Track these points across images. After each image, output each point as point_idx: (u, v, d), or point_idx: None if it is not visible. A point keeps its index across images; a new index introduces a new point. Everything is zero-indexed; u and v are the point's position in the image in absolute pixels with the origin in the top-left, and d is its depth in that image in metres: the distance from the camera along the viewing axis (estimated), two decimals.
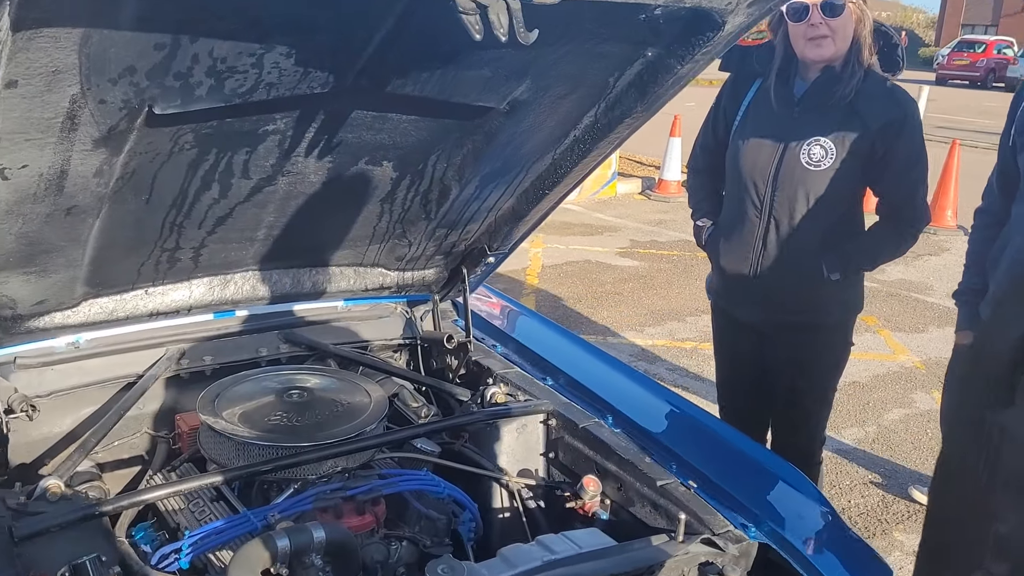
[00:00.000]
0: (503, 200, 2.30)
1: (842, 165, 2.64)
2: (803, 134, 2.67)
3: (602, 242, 8.34)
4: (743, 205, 2.81)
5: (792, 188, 2.71)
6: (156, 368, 2.27)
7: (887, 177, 2.70)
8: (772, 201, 2.74)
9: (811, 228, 2.72)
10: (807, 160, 2.67)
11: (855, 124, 2.63)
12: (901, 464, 4.33)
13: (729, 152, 2.84)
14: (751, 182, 2.77)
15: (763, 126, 2.75)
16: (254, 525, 1.78)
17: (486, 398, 2.34)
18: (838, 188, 2.68)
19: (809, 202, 2.70)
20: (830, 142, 2.65)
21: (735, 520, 1.89)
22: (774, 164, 2.72)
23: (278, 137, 1.79)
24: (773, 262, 2.78)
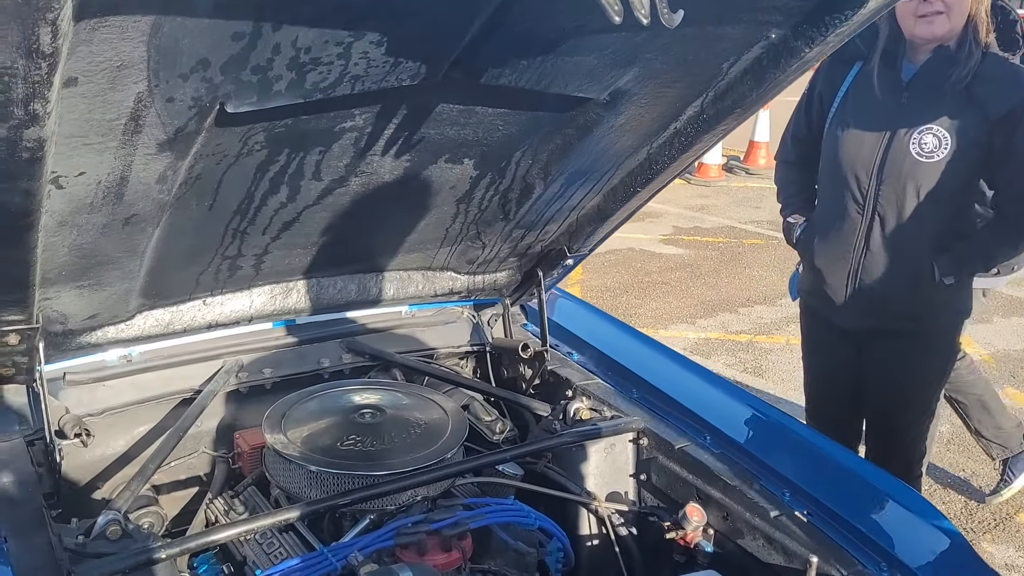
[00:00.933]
0: (588, 199, 2.11)
1: (957, 156, 2.40)
2: (913, 122, 2.43)
3: (644, 228, 8.11)
4: (843, 200, 2.58)
5: (900, 182, 2.47)
6: (214, 383, 2.10)
7: (1008, 169, 2.45)
8: (877, 196, 2.51)
9: (921, 226, 2.49)
10: (918, 151, 2.43)
11: (972, 111, 2.39)
12: (981, 466, 4.10)
13: (826, 141, 2.61)
14: (852, 175, 2.53)
15: (866, 113, 2.51)
16: (333, 566, 1.61)
17: (569, 414, 2.16)
18: (952, 182, 2.44)
19: (919, 197, 2.46)
20: (944, 130, 2.41)
21: (864, 558, 1.69)
22: (879, 155, 2.48)
23: (355, 135, 1.60)
24: (877, 264, 2.55)
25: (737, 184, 9.94)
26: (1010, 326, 5.88)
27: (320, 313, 2.22)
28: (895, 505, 1.97)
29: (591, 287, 6.50)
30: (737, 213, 8.66)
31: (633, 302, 6.26)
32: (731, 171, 10.28)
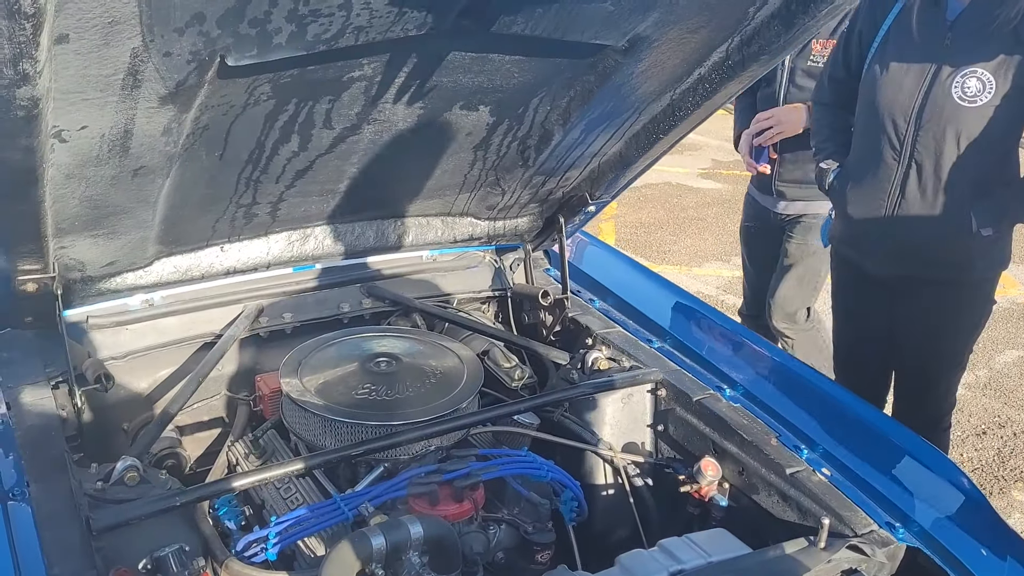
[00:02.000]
0: (609, 145, 2.05)
1: (1003, 101, 2.28)
2: (956, 63, 2.31)
3: (682, 162, 7.95)
4: (878, 145, 2.47)
5: (940, 127, 2.36)
6: (235, 327, 2.12)
7: None
8: (915, 141, 2.40)
9: (960, 174, 2.38)
10: (960, 94, 2.31)
11: (1020, 53, 2.25)
12: (1017, 413, 4.03)
13: (864, 83, 2.50)
14: (889, 119, 2.43)
15: (907, 53, 2.39)
16: (345, 515, 1.63)
17: (587, 364, 2.14)
18: (995, 128, 2.32)
19: (960, 144, 2.34)
20: (989, 74, 2.28)
21: (879, 518, 1.67)
22: (919, 98, 2.37)
23: (364, 84, 1.56)
24: (912, 212, 2.45)
25: None
26: None
27: (339, 259, 2.21)
28: (916, 464, 1.94)
29: (626, 222, 6.42)
30: None
31: (668, 238, 6.18)
32: None
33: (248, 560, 1.62)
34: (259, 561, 1.61)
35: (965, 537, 1.69)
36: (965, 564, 1.59)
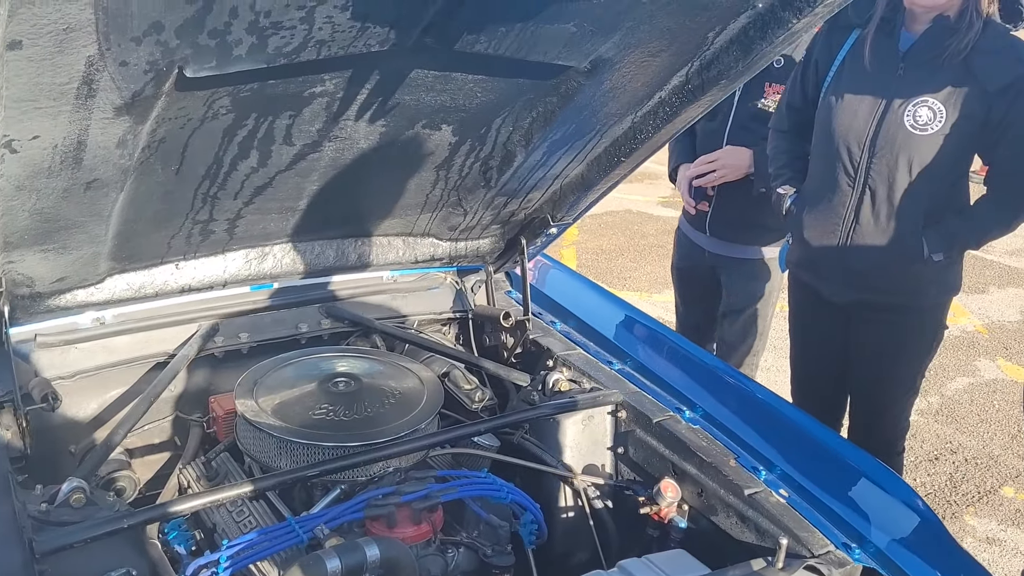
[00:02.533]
0: (571, 167, 2.06)
1: (952, 130, 2.34)
2: (908, 93, 2.37)
3: (642, 190, 8.04)
4: (834, 172, 2.52)
5: (892, 154, 2.41)
6: (188, 347, 2.07)
7: (1003, 145, 2.39)
8: (868, 168, 2.45)
9: (912, 201, 2.43)
10: (912, 123, 2.37)
11: (970, 84, 2.32)
12: (967, 438, 4.10)
13: (819, 112, 2.55)
14: (844, 146, 2.48)
15: (861, 83, 2.45)
16: (300, 538, 1.59)
17: (548, 385, 2.13)
18: (946, 156, 2.38)
19: (912, 171, 2.40)
20: (939, 103, 2.34)
21: (836, 539, 1.68)
22: (872, 126, 2.42)
23: (326, 100, 1.55)
24: (866, 237, 2.50)
25: None
26: (1005, 297, 5.85)
27: (298, 278, 2.18)
28: (872, 486, 1.96)
29: (586, 249, 6.46)
30: None
31: (628, 265, 6.22)
32: None
33: None
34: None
35: (920, 558, 1.70)
36: None
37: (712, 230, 3.17)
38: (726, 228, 3.15)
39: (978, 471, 3.82)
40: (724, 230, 3.16)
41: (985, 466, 3.86)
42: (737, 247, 3.18)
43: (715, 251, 3.22)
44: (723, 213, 3.12)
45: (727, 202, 3.09)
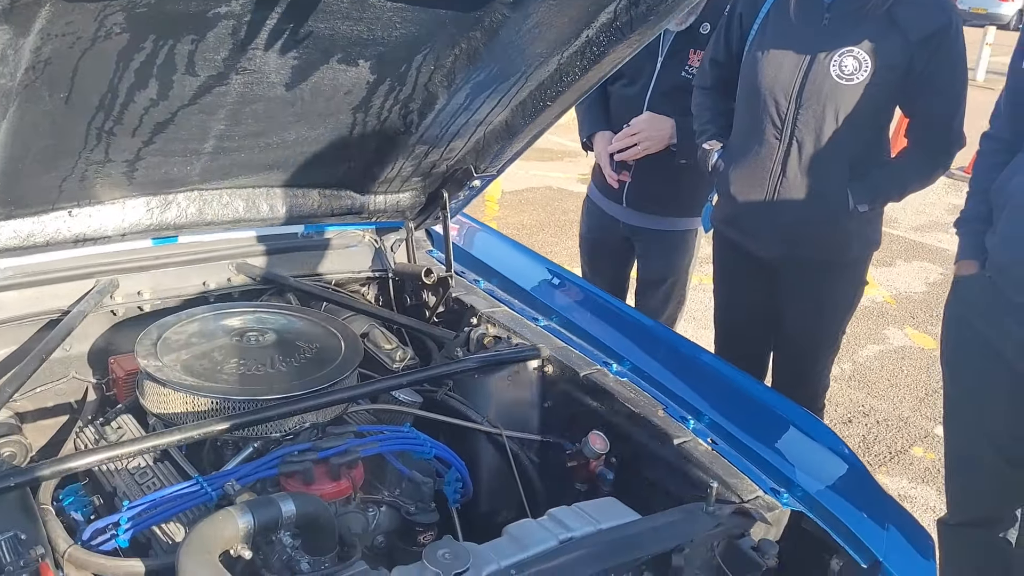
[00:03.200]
0: (496, 113, 1.98)
1: (877, 79, 2.35)
2: (833, 44, 2.37)
3: (562, 167, 8.04)
4: (760, 125, 2.51)
5: (819, 105, 2.41)
6: (84, 303, 1.93)
7: (925, 94, 2.42)
8: (795, 120, 2.44)
9: (838, 152, 2.44)
10: (838, 73, 2.37)
11: (893, 34, 2.33)
12: (878, 402, 4.22)
13: (744, 66, 2.54)
14: (771, 99, 2.46)
15: (786, 36, 2.44)
16: (208, 496, 1.49)
17: (472, 341, 2.07)
18: (870, 106, 2.40)
19: (838, 121, 2.40)
20: (864, 53, 2.35)
21: (764, 484, 1.67)
22: (799, 78, 2.42)
23: (232, 23, 1.43)
24: (793, 190, 2.50)
25: None
26: (911, 269, 6.06)
27: (205, 230, 2.05)
28: (799, 433, 1.97)
29: (508, 224, 6.40)
30: None
31: (549, 240, 6.19)
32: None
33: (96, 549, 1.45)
34: (109, 549, 1.45)
35: (846, 500, 1.71)
36: (846, 524, 1.60)
37: (629, 201, 3.08)
38: (645, 200, 3.06)
39: (889, 432, 3.93)
40: (643, 202, 3.06)
41: (896, 428, 3.98)
42: (655, 219, 3.09)
43: (631, 223, 3.13)
44: (642, 185, 3.02)
45: (647, 173, 3.00)
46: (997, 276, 2.00)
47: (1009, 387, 2.02)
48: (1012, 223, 1.94)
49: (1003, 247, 1.97)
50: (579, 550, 1.36)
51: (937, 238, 6.78)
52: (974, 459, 2.16)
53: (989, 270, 2.03)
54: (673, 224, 3.10)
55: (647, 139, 2.90)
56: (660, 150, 2.93)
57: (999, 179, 2.02)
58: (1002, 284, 1.98)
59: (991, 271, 2.03)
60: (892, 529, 1.68)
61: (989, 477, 2.15)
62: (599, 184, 3.19)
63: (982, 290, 2.05)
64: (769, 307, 2.73)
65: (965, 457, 2.20)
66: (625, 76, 2.97)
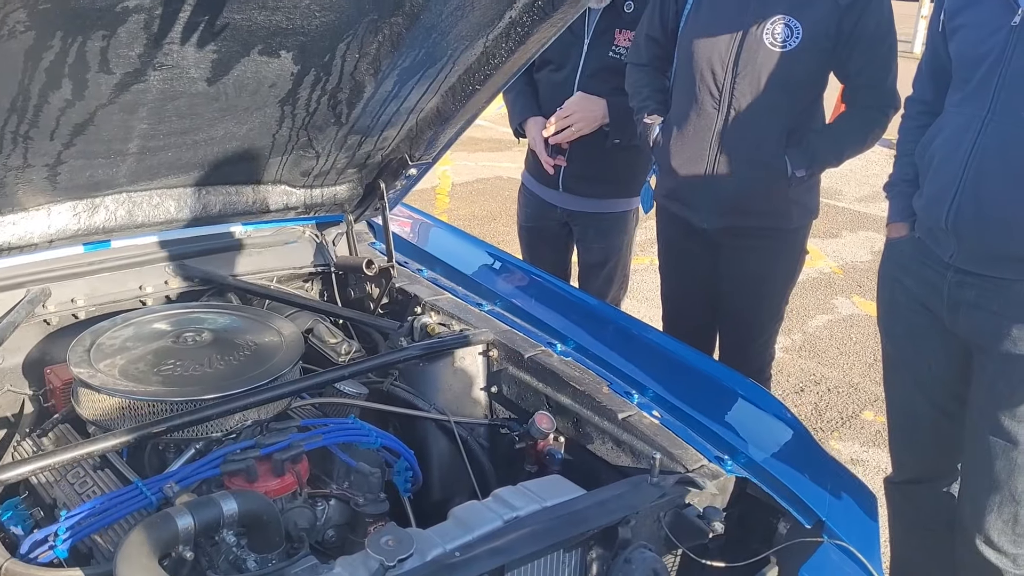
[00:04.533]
0: (426, 99, 1.97)
1: (809, 44, 2.40)
2: (765, 13, 2.42)
3: (511, 157, 8.01)
4: (699, 96, 2.53)
5: (755, 73, 2.45)
6: (14, 314, 1.88)
7: (856, 57, 2.46)
8: (732, 89, 2.48)
9: (775, 119, 2.48)
10: (771, 40, 2.42)
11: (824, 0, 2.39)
12: (829, 370, 4.30)
13: (681, 39, 2.57)
14: (708, 70, 2.49)
15: (720, 8, 2.48)
16: (148, 500, 1.46)
17: (416, 330, 2.06)
18: (804, 71, 2.46)
19: (774, 88, 2.44)
20: (795, 20, 2.40)
21: (708, 453, 1.69)
22: (734, 48, 2.45)
23: (143, 17, 1.40)
24: (733, 159, 2.53)
25: None
26: (857, 240, 6.17)
27: (136, 233, 2.01)
28: (743, 402, 2.00)
29: (459, 215, 6.39)
30: None
31: (501, 229, 6.19)
32: None
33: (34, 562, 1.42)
34: (47, 561, 1.42)
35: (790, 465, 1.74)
36: (789, 487, 1.63)
37: (566, 186, 3.05)
38: (581, 183, 3.03)
39: (840, 399, 4.01)
40: (579, 185, 3.04)
41: (846, 394, 4.05)
42: (592, 201, 3.07)
43: (568, 207, 3.11)
44: (578, 168, 3.00)
45: (581, 156, 2.98)
46: (925, 236, 2.04)
47: (942, 344, 2.07)
48: (935, 183, 1.99)
49: (927, 207, 2.01)
50: (524, 528, 1.36)
51: (881, 208, 6.88)
52: (913, 416, 2.21)
53: (918, 231, 2.08)
54: (611, 206, 3.09)
55: (580, 120, 2.89)
56: (593, 131, 2.92)
57: (922, 141, 2.07)
58: (930, 243, 2.02)
59: (920, 231, 2.07)
60: (835, 490, 1.71)
61: (929, 433, 2.20)
62: (533, 171, 3.17)
63: (912, 250, 2.10)
64: (713, 280, 2.76)
65: (905, 414, 2.25)
66: (552, 62, 2.97)
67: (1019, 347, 1.86)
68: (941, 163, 1.96)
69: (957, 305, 1.97)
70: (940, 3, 2.09)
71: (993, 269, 1.89)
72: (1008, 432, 1.90)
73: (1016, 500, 1.92)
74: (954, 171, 1.90)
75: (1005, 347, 1.88)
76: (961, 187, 1.89)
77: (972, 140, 1.87)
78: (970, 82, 1.91)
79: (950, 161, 1.92)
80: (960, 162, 1.89)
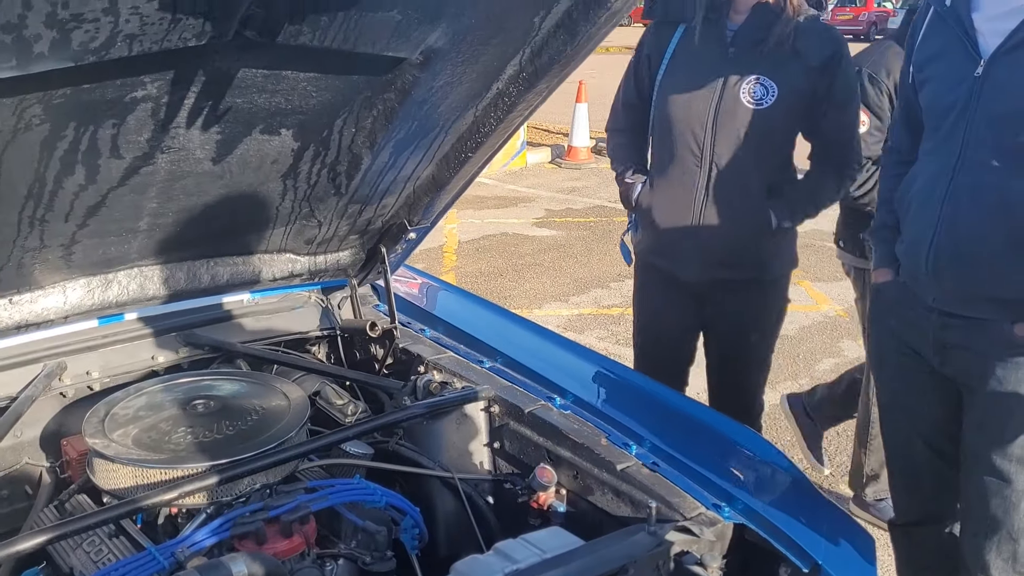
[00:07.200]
0: (421, 168, 2.06)
1: (783, 103, 2.52)
2: (742, 72, 2.54)
3: (517, 213, 8.17)
4: (680, 155, 2.64)
5: (735, 130, 2.56)
6: (32, 388, 1.95)
7: (827, 116, 2.59)
8: (714, 146, 2.58)
9: (756, 173, 2.59)
10: (748, 99, 2.53)
11: (794, 61, 2.51)
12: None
13: (657, 102, 2.68)
14: (688, 129, 2.61)
15: (696, 69, 2.60)
16: (160, 564, 1.51)
17: (419, 388, 2.11)
18: (780, 128, 2.57)
19: (753, 144, 2.55)
20: (771, 80, 2.52)
21: (706, 501, 1.72)
22: (713, 106, 2.56)
23: (150, 105, 1.50)
24: (718, 213, 2.62)
25: (606, 165, 10.10)
26: None
27: (148, 306, 2.09)
28: (740, 450, 2.03)
29: (465, 273, 6.48)
30: (607, 193, 8.81)
31: (508, 284, 6.27)
32: (600, 153, 10.46)
33: None
34: None
35: (787, 511, 1.76)
36: (787, 533, 1.66)
37: None
38: None
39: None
40: None
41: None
42: None
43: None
44: None
45: None
46: (908, 280, 2.10)
47: (932, 386, 2.10)
48: (913, 228, 2.05)
49: (908, 252, 2.07)
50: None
51: None
52: (910, 458, 2.24)
53: (902, 275, 2.13)
54: None
55: None
56: None
57: (900, 188, 2.14)
58: (913, 287, 2.07)
59: (903, 276, 2.12)
60: (832, 534, 1.74)
61: (926, 474, 2.22)
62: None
63: (897, 295, 2.15)
64: (692, 335, 2.87)
65: (902, 457, 2.27)
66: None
67: (1005, 386, 1.90)
68: (918, 209, 2.02)
69: (943, 347, 2.02)
70: (909, 56, 2.18)
71: (974, 310, 1.93)
72: (1001, 471, 1.92)
73: (1014, 538, 1.94)
74: (930, 216, 1.97)
75: (991, 386, 1.92)
76: (938, 231, 1.95)
77: (945, 186, 1.94)
78: (940, 131, 1.98)
79: (926, 207, 1.99)
80: (936, 207, 1.95)
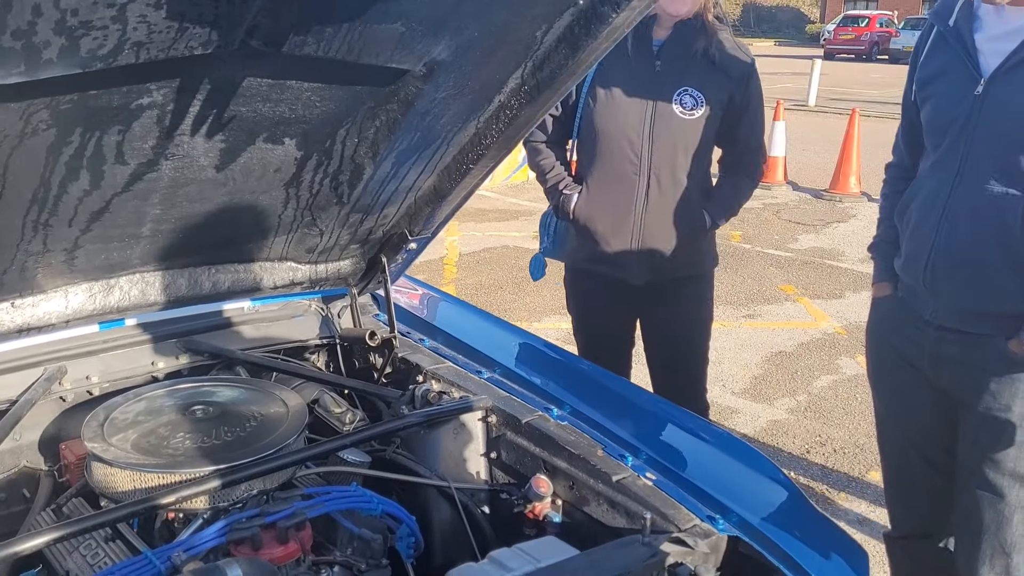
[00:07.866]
0: (423, 178, 2.08)
1: (710, 112, 2.72)
2: (672, 84, 2.72)
3: (518, 227, 8.19)
4: (618, 165, 2.80)
5: (670, 140, 2.74)
6: (32, 392, 1.96)
7: (745, 123, 2.81)
8: (651, 155, 2.75)
9: (691, 179, 2.79)
10: (680, 109, 2.72)
11: (716, 73, 2.72)
12: (834, 431, 4.31)
13: (587, 114, 2.81)
14: (625, 139, 2.76)
15: (626, 82, 2.75)
16: (156, 569, 1.52)
17: (417, 398, 2.12)
18: (708, 136, 2.77)
19: (686, 151, 2.76)
20: (697, 91, 2.71)
21: (700, 513, 1.73)
22: (648, 117, 2.73)
23: (156, 112, 1.52)
24: (658, 219, 2.81)
25: None
26: (860, 300, 6.22)
27: (149, 312, 2.10)
28: (735, 463, 2.03)
29: (466, 285, 6.49)
30: None
31: (508, 297, 6.28)
32: None
33: None
34: None
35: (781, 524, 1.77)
36: (780, 546, 1.67)
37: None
38: None
39: (846, 460, 4.01)
40: None
41: (852, 455, 4.06)
42: None
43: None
44: None
45: None
46: (906, 294, 2.11)
47: (929, 399, 2.11)
48: (912, 243, 2.07)
49: (906, 266, 2.09)
50: None
51: None
52: (907, 471, 2.25)
53: (901, 290, 2.15)
54: None
55: None
56: None
57: (900, 204, 2.16)
58: (911, 301, 2.09)
59: (902, 291, 2.14)
60: (825, 548, 1.74)
61: (922, 488, 2.23)
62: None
63: (896, 309, 2.16)
64: (630, 319, 3.05)
65: (899, 470, 2.29)
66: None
67: (999, 400, 1.91)
68: (917, 224, 2.04)
69: (939, 361, 2.03)
70: (912, 74, 2.21)
71: (970, 325, 1.95)
72: (993, 484, 1.93)
73: (1007, 552, 1.95)
74: (929, 232, 1.99)
75: (986, 401, 1.93)
76: (935, 246, 1.97)
77: (944, 202, 1.96)
78: (940, 147, 2.00)
79: (925, 222, 2.01)
80: (934, 223, 1.98)
